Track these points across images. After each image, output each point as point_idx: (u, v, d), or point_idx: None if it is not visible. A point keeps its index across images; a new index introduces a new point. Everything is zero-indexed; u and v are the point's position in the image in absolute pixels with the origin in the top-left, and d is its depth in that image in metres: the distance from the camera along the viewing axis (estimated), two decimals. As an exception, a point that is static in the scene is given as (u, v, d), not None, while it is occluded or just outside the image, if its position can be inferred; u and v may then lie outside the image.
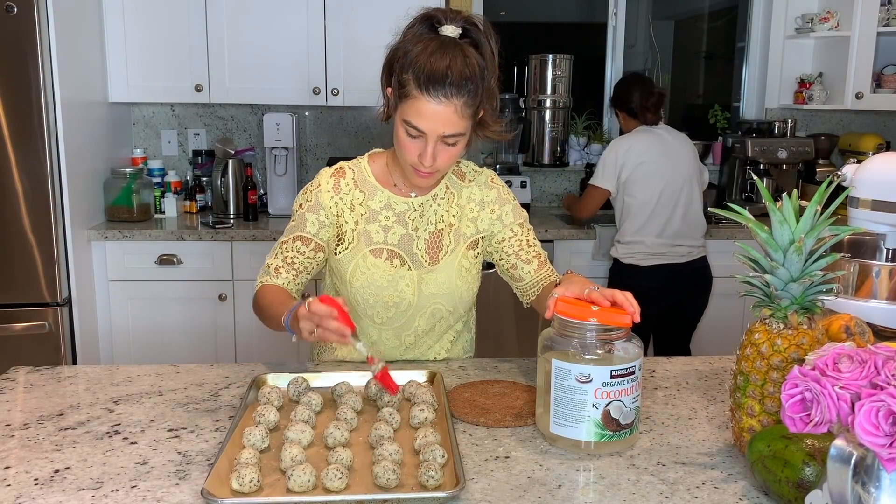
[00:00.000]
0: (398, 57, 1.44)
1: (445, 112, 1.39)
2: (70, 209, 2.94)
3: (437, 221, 1.61)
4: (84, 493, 1.10)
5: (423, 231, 1.60)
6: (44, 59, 2.77)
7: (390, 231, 1.58)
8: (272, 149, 3.52)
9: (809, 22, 3.78)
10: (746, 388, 1.19)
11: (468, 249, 1.62)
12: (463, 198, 1.63)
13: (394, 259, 1.58)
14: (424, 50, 1.40)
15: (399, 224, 1.59)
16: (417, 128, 1.41)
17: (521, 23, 4.59)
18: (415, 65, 1.39)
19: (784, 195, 1.15)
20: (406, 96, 1.41)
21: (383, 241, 1.58)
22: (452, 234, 1.61)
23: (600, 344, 1.23)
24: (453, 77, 1.38)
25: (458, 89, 1.39)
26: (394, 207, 1.59)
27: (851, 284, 1.52)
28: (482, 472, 1.17)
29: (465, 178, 1.65)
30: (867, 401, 0.84)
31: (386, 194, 1.59)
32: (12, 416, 1.36)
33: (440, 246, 1.61)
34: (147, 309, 3.23)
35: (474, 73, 1.41)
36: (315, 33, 3.37)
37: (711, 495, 1.11)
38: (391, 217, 1.59)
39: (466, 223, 1.62)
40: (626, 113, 3.22)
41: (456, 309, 1.64)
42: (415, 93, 1.39)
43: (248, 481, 1.07)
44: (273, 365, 1.63)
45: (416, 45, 1.42)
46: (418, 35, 1.44)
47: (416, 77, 1.39)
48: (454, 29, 1.43)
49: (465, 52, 1.41)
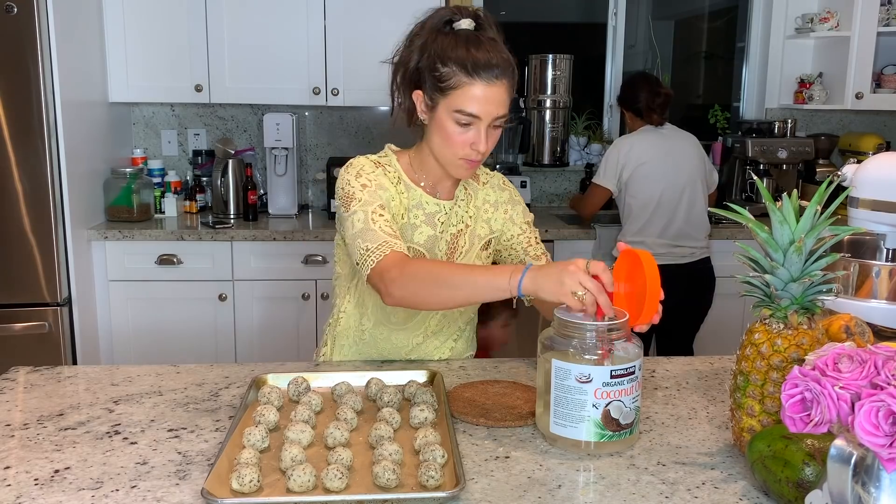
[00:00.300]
0: (423, 57, 1.45)
1: (498, 93, 1.44)
2: (70, 209, 2.94)
3: (458, 223, 1.62)
4: (84, 493, 1.10)
5: (446, 233, 1.61)
6: (44, 59, 2.77)
7: (417, 230, 1.58)
8: (272, 149, 3.52)
9: (809, 22, 3.78)
10: (746, 388, 1.19)
11: (482, 250, 1.64)
12: (479, 199, 1.65)
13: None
14: (455, 43, 1.43)
15: (427, 224, 1.59)
16: (472, 114, 1.44)
17: (521, 23, 4.58)
18: (453, 56, 1.42)
19: (784, 195, 1.14)
20: (454, 87, 1.43)
21: (410, 240, 1.58)
22: (468, 236, 1.63)
23: (600, 344, 1.23)
24: (497, 61, 1.43)
25: (504, 71, 1.44)
26: (425, 207, 1.59)
27: (851, 284, 1.52)
28: (482, 472, 1.17)
29: (480, 180, 1.67)
30: (867, 401, 0.84)
31: (419, 193, 1.58)
32: (12, 416, 1.36)
33: (456, 247, 1.62)
34: (147, 309, 3.23)
35: (507, 57, 1.46)
36: (315, 33, 3.37)
37: (711, 495, 1.11)
38: (420, 216, 1.58)
39: (481, 224, 1.64)
40: (633, 112, 3.22)
41: (466, 310, 1.66)
42: (465, 80, 1.42)
43: (248, 481, 1.07)
44: (273, 365, 1.63)
45: (440, 41, 1.44)
46: (437, 33, 1.46)
47: (462, 66, 1.42)
48: (469, 22, 1.47)
49: (492, 40, 1.46)
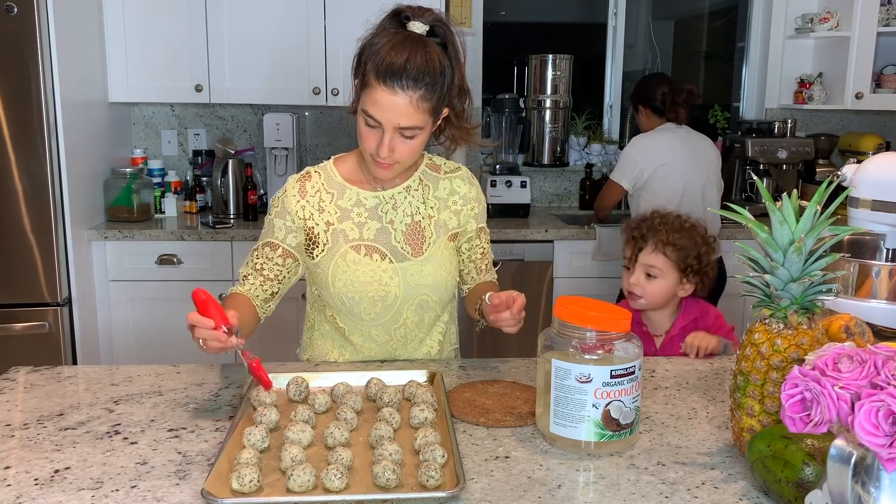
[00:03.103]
0: (364, 49, 1.47)
1: (400, 103, 1.42)
2: (70, 209, 2.94)
3: (414, 213, 1.63)
4: (84, 493, 1.10)
5: (400, 223, 1.62)
6: (44, 59, 2.77)
7: (364, 227, 1.60)
8: (272, 149, 3.52)
9: (809, 22, 3.78)
10: (746, 388, 1.19)
11: (449, 241, 1.65)
12: (441, 190, 1.66)
13: (373, 254, 1.59)
14: (388, 43, 1.43)
15: (372, 219, 1.61)
16: (374, 118, 1.45)
17: (521, 23, 4.59)
18: (376, 56, 1.43)
19: (784, 195, 1.14)
20: (365, 86, 1.46)
21: (359, 238, 1.60)
22: (433, 226, 1.63)
23: (600, 344, 1.23)
24: (410, 70, 1.41)
25: (415, 82, 1.42)
26: (364, 203, 1.61)
27: (851, 284, 1.52)
28: (482, 472, 1.17)
29: (441, 170, 1.68)
30: (867, 401, 0.84)
31: (355, 191, 1.61)
32: (12, 416, 1.36)
33: (422, 238, 1.62)
34: (147, 309, 3.23)
35: (434, 68, 1.43)
36: (315, 33, 3.37)
37: (711, 495, 1.11)
38: (363, 213, 1.61)
39: (449, 215, 1.65)
40: (651, 109, 3.18)
41: (441, 298, 1.66)
42: (373, 83, 1.43)
43: (248, 481, 1.07)
44: (273, 365, 1.63)
45: (381, 37, 1.45)
46: (386, 29, 1.48)
47: (376, 68, 1.42)
48: (421, 25, 1.46)
49: (427, 47, 1.44)
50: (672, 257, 1.89)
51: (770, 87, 4.04)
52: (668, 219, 1.94)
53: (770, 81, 4.03)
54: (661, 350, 1.93)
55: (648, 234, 1.92)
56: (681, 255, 1.89)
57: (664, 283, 1.90)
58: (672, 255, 1.89)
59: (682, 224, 1.93)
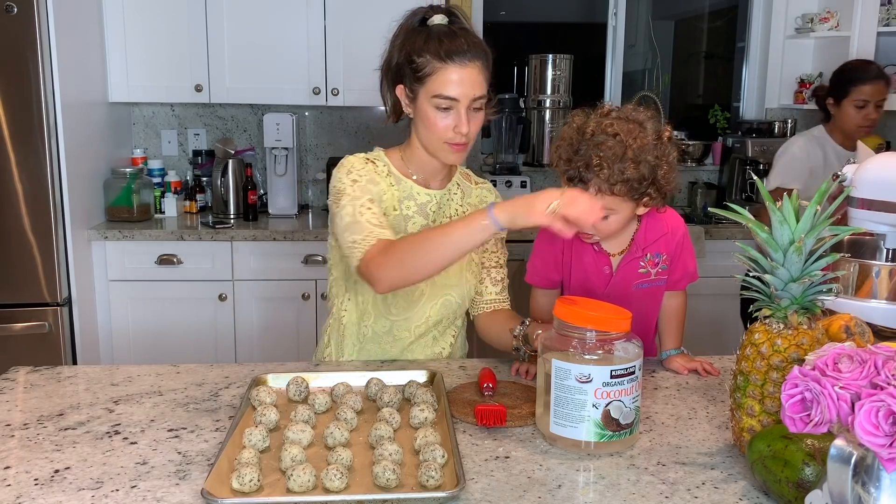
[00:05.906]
0: (401, 54, 1.54)
1: (471, 74, 1.50)
2: (70, 209, 2.94)
3: (453, 215, 1.67)
4: (84, 493, 1.10)
5: (439, 223, 1.63)
6: (44, 59, 2.77)
7: (410, 221, 1.63)
8: (272, 149, 3.52)
9: (809, 22, 3.78)
10: (746, 388, 1.19)
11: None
12: (474, 197, 1.72)
13: None
14: (428, 36, 1.51)
15: (419, 215, 1.64)
16: (449, 96, 1.50)
17: (521, 23, 4.59)
18: (427, 47, 1.50)
19: (784, 195, 1.15)
20: (429, 74, 1.50)
21: (404, 231, 1.61)
22: None
23: (600, 344, 1.23)
24: (470, 46, 1.51)
25: (475, 54, 1.51)
26: (416, 198, 1.64)
27: (851, 284, 1.52)
28: (482, 472, 1.17)
29: (472, 179, 1.75)
30: (867, 401, 0.84)
31: (409, 184, 1.64)
32: (12, 416, 1.36)
33: None
34: (147, 309, 3.23)
35: (480, 41, 1.55)
36: (315, 33, 3.37)
37: (711, 495, 1.11)
38: (412, 207, 1.63)
39: None
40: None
41: (464, 301, 1.70)
42: (439, 66, 1.49)
43: (248, 481, 1.07)
44: (273, 365, 1.63)
45: (418, 35, 1.52)
46: (414, 29, 1.55)
47: (436, 53, 1.49)
48: (442, 17, 1.55)
49: (464, 28, 1.55)
50: (622, 193, 1.51)
51: (770, 87, 4.04)
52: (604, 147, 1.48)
53: (770, 81, 4.03)
54: (618, 273, 1.64)
55: (586, 174, 1.50)
56: (632, 185, 1.50)
57: (618, 217, 1.56)
58: (622, 190, 1.50)
59: (624, 148, 1.48)
